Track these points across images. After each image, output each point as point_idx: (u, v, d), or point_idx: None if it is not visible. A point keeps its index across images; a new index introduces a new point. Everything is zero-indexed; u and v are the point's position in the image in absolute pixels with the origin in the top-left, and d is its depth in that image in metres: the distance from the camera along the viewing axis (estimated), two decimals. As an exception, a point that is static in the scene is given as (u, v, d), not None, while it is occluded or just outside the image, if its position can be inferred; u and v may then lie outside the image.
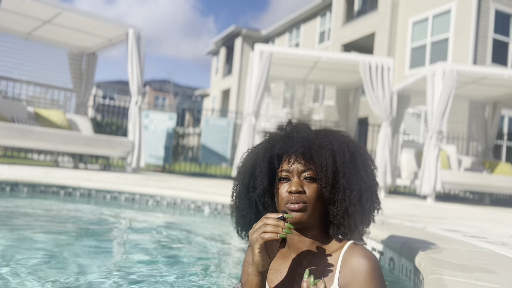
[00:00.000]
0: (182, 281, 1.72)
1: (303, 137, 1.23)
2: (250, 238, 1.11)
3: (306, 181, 1.18)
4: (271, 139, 1.28)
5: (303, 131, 1.26)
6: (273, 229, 1.07)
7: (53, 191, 3.97)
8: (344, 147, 1.24)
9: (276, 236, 1.07)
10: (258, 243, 1.08)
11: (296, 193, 1.16)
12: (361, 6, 18.28)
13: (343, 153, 1.22)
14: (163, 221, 3.47)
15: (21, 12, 7.22)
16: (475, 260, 1.57)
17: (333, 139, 1.25)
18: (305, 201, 1.16)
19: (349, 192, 1.19)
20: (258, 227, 1.09)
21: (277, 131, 1.32)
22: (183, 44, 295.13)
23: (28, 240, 2.30)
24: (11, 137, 6.16)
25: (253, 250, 1.09)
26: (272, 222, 1.08)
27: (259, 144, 1.33)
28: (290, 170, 1.20)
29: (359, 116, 12.43)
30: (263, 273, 1.12)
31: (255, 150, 1.31)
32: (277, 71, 8.83)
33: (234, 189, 1.34)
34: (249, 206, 1.28)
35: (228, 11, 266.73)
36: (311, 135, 1.25)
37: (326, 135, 1.26)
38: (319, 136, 1.25)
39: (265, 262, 1.11)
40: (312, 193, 1.17)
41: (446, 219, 3.79)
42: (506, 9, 13.28)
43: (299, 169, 1.19)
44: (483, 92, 9.19)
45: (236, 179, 1.33)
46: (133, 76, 7.47)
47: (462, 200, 9.65)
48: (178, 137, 13.07)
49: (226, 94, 29.07)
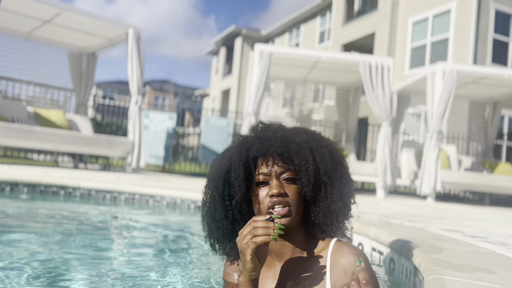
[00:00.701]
0: (182, 281, 1.72)
1: (281, 137, 1.18)
2: (240, 245, 1.05)
3: (285, 183, 1.14)
4: (245, 142, 1.21)
5: (279, 130, 1.21)
6: (264, 231, 1.02)
7: (53, 191, 3.97)
8: (321, 143, 1.21)
9: (269, 239, 1.02)
10: (250, 248, 1.02)
11: (278, 195, 1.11)
12: (361, 6, 18.28)
13: (322, 150, 1.19)
14: (163, 221, 3.47)
15: (21, 12, 7.22)
16: (475, 260, 1.57)
17: (308, 136, 1.21)
18: (289, 203, 1.12)
19: (330, 189, 1.16)
20: (248, 232, 1.03)
21: (250, 133, 1.25)
22: (184, 44, 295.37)
23: (28, 240, 2.30)
24: (11, 137, 6.16)
25: (245, 257, 1.04)
26: (262, 224, 1.03)
27: (230, 148, 1.25)
28: (268, 173, 1.14)
29: (359, 116, 12.44)
30: (255, 281, 1.07)
31: (227, 155, 1.23)
32: (277, 71, 8.83)
33: (207, 199, 1.25)
34: (226, 215, 1.20)
35: (229, 11, 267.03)
36: (287, 134, 1.20)
37: (300, 133, 1.22)
38: (295, 134, 1.21)
39: (257, 269, 1.06)
40: (294, 194, 1.13)
41: (446, 219, 3.79)
42: (506, 9, 13.28)
43: (277, 171, 1.14)
44: (483, 92, 9.19)
45: (208, 187, 1.24)
46: (133, 76, 7.47)
47: (462, 200, 9.65)
48: (178, 137, 13.08)
49: (226, 94, 29.07)
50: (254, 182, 1.16)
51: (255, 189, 1.16)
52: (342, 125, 9.84)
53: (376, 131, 11.62)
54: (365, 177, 7.71)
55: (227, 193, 1.18)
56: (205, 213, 1.26)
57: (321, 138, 1.23)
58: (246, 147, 1.19)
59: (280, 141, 1.17)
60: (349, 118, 9.66)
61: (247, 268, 1.04)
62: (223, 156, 1.24)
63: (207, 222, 1.25)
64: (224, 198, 1.19)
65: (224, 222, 1.20)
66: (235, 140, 1.27)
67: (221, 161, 1.23)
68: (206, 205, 1.25)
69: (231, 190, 1.18)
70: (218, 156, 1.27)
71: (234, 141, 1.26)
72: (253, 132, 1.25)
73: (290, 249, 1.18)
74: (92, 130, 7.95)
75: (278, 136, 1.18)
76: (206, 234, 1.28)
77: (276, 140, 1.17)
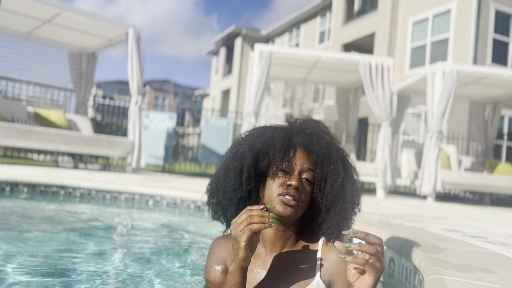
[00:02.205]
0: (182, 282, 1.72)
1: (328, 141, 1.21)
2: (234, 232, 1.05)
3: (304, 182, 1.16)
4: (290, 130, 1.22)
5: (325, 133, 1.23)
6: (260, 219, 1.04)
7: (53, 191, 3.97)
8: (351, 165, 1.24)
9: (264, 227, 1.04)
10: (245, 234, 1.04)
11: (295, 188, 1.13)
12: (361, 6, 18.28)
13: (351, 171, 1.22)
14: (163, 221, 3.47)
15: (21, 12, 7.22)
16: (475, 260, 1.56)
17: (343, 153, 1.24)
18: (300, 200, 1.14)
19: (347, 207, 1.18)
20: (244, 219, 1.05)
21: (296, 123, 1.27)
22: (185, 43, 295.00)
23: (27, 240, 2.30)
24: (11, 137, 6.16)
25: (239, 244, 1.05)
26: (257, 213, 1.05)
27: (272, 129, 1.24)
28: (293, 164, 1.16)
29: (359, 116, 12.43)
30: (245, 270, 1.08)
31: (267, 134, 1.22)
32: (277, 71, 8.83)
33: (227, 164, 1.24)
34: (240, 188, 1.20)
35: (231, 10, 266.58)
36: (333, 141, 1.23)
37: (338, 147, 1.24)
38: (337, 145, 1.24)
39: (249, 258, 1.07)
40: (307, 195, 1.16)
41: (446, 219, 3.79)
42: (506, 9, 13.28)
43: (304, 168, 1.16)
44: (483, 92, 9.19)
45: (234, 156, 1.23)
46: (133, 76, 7.47)
47: (462, 200, 9.65)
48: (178, 137, 13.08)
49: (226, 94, 29.08)
50: (275, 168, 1.16)
51: (274, 172, 1.16)
52: (342, 125, 9.84)
53: (376, 131, 11.62)
54: (365, 177, 7.71)
55: (253, 168, 1.18)
56: (220, 178, 1.25)
57: (350, 162, 1.26)
58: (291, 134, 1.20)
59: (323, 144, 1.19)
60: (349, 118, 9.66)
61: (239, 255, 1.05)
62: (262, 133, 1.23)
63: (219, 192, 1.25)
64: (250, 171, 1.18)
65: (244, 186, 1.19)
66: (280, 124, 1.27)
67: (259, 137, 1.22)
68: (223, 170, 1.24)
69: (258, 166, 1.18)
70: (254, 131, 1.26)
71: (279, 125, 1.26)
72: (300, 123, 1.26)
73: (284, 240, 1.20)
74: (92, 130, 7.95)
75: (325, 138, 1.21)
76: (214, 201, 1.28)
77: (321, 141, 1.19)
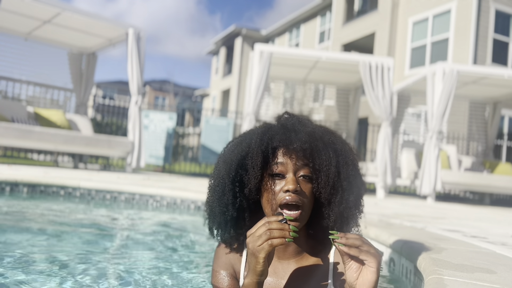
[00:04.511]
0: (182, 282, 1.72)
1: (308, 132, 1.11)
2: (252, 246, 0.97)
3: (302, 180, 1.08)
4: (268, 130, 1.14)
5: (307, 124, 1.15)
6: (280, 234, 0.95)
7: (53, 191, 3.97)
8: (346, 147, 1.16)
9: (285, 241, 0.96)
10: (264, 251, 0.95)
11: (294, 192, 1.04)
12: (361, 6, 18.28)
13: (346, 154, 1.13)
14: (163, 221, 3.46)
15: (21, 12, 7.22)
16: (475, 260, 1.56)
17: (334, 138, 1.16)
18: (302, 203, 1.06)
19: (347, 195, 1.10)
20: (263, 233, 0.96)
21: (276, 122, 1.18)
22: (188, 43, 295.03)
23: (27, 240, 2.30)
24: (11, 137, 6.16)
25: (257, 259, 0.97)
26: (277, 226, 0.96)
27: (250, 133, 1.16)
28: (285, 166, 1.08)
29: (359, 116, 12.44)
30: (262, 284, 1.02)
31: (245, 139, 1.15)
32: (277, 71, 8.83)
33: (216, 182, 1.16)
34: (233, 202, 1.12)
35: (234, 8, 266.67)
36: (315, 130, 1.14)
37: (327, 133, 1.17)
38: (322, 132, 1.15)
39: (266, 272, 1.00)
40: (309, 194, 1.08)
41: (446, 219, 3.79)
42: (506, 9, 13.28)
43: (297, 166, 1.07)
44: (483, 92, 9.19)
45: (219, 170, 1.16)
46: (133, 76, 7.47)
47: (462, 200, 9.65)
48: (178, 137, 13.07)
49: (226, 94, 29.08)
50: (268, 173, 1.09)
51: (268, 179, 1.09)
52: (342, 125, 9.84)
53: (376, 131, 11.62)
54: (365, 177, 7.71)
55: (238, 179, 1.11)
56: (211, 195, 1.19)
57: (346, 142, 1.19)
58: (269, 135, 1.11)
59: (306, 136, 1.10)
60: (349, 118, 9.66)
61: (257, 270, 0.99)
62: (241, 140, 1.16)
63: (211, 206, 1.19)
64: (235, 184, 1.12)
65: (230, 208, 1.13)
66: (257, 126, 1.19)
67: (238, 145, 1.15)
68: (213, 188, 1.18)
69: (244, 176, 1.11)
70: (235, 139, 1.20)
71: (256, 127, 1.19)
72: (278, 121, 1.18)
73: (294, 247, 1.16)
74: (92, 130, 7.95)
75: (305, 131, 1.11)
76: (208, 217, 1.22)
77: (302, 134, 1.10)
